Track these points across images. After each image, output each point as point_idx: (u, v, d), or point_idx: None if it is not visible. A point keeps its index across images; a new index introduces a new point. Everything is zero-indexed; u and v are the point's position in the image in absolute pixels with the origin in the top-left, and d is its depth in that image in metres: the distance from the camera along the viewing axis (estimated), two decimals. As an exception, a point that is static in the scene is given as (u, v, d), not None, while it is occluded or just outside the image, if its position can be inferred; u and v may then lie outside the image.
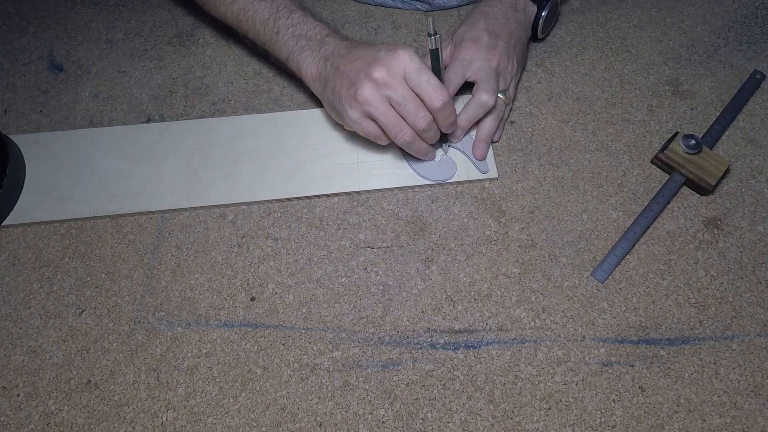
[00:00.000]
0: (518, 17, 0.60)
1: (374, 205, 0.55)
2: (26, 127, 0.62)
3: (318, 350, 0.48)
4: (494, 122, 0.56)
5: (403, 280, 0.51)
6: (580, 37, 0.66)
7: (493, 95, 0.54)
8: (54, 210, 0.55)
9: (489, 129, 0.56)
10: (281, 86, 0.64)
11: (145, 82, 0.65)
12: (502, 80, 0.56)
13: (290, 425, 0.45)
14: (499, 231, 0.53)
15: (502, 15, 0.59)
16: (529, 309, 0.49)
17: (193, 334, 0.49)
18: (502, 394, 0.45)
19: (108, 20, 0.71)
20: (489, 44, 0.56)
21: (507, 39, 0.57)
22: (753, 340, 0.47)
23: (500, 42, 0.57)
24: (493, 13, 0.59)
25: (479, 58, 0.56)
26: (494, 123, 0.56)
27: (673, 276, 0.50)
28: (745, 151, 0.57)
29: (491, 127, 0.56)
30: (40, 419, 0.46)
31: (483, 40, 0.56)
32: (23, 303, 0.51)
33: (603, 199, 0.54)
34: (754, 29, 0.65)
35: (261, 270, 0.52)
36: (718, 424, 0.43)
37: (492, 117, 0.56)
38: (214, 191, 0.56)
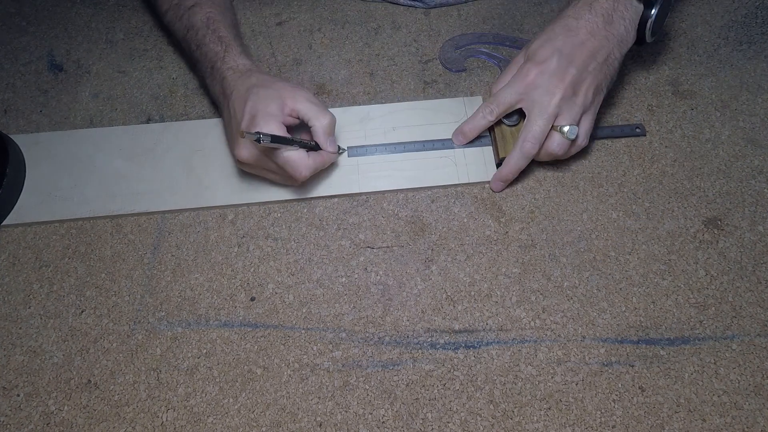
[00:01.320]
0: (611, 31, 0.51)
1: (374, 206, 0.55)
2: (26, 127, 0.62)
3: (318, 350, 0.48)
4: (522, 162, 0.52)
5: (403, 280, 0.51)
6: (580, 37, 0.66)
7: (537, 144, 0.50)
8: (54, 210, 0.55)
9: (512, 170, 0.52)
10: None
11: (145, 82, 0.65)
12: (567, 114, 0.50)
13: (290, 425, 0.45)
14: (499, 231, 0.53)
15: (587, 30, 0.51)
16: (529, 309, 0.49)
17: (193, 334, 0.49)
18: (502, 394, 0.45)
19: (108, 20, 0.71)
20: (556, 71, 0.50)
21: (584, 63, 0.50)
22: (753, 340, 0.47)
23: (572, 69, 0.50)
24: (575, 27, 0.51)
25: (540, 88, 0.50)
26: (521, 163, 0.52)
27: (673, 276, 0.50)
28: (745, 151, 0.57)
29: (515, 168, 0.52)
30: (40, 419, 0.46)
31: (551, 64, 0.50)
32: (23, 303, 0.51)
33: (603, 199, 0.54)
34: (754, 29, 0.65)
35: (261, 270, 0.52)
36: (718, 424, 0.43)
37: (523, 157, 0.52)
38: (214, 192, 0.56)
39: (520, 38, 0.66)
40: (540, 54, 0.51)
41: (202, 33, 0.56)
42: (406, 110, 0.60)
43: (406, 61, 0.65)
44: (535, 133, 0.50)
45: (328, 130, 0.51)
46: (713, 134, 0.58)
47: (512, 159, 0.52)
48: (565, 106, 0.50)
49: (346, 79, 0.64)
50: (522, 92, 0.51)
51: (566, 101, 0.50)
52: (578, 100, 0.50)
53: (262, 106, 0.48)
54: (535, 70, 0.50)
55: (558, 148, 0.51)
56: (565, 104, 0.50)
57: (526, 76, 0.51)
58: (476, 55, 0.65)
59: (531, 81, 0.50)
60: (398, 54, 0.66)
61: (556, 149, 0.51)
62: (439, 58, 0.65)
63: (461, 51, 0.66)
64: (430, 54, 0.66)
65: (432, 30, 0.68)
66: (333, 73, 0.65)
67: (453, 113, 0.60)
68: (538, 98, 0.50)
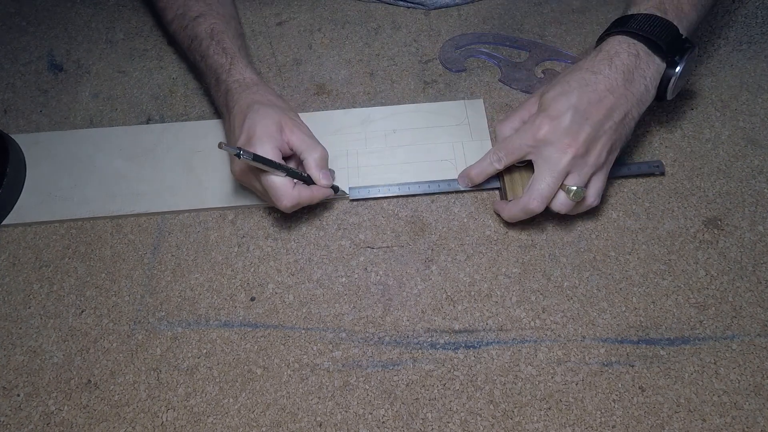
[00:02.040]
0: (631, 89, 0.48)
1: (374, 205, 0.55)
2: (26, 127, 0.62)
3: (318, 350, 0.48)
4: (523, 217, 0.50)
5: (403, 280, 0.51)
6: (580, 37, 0.66)
7: (544, 203, 0.48)
8: (54, 210, 0.55)
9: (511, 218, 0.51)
10: (281, 86, 0.64)
11: (145, 82, 0.65)
12: (577, 174, 0.48)
13: (290, 425, 0.45)
14: (499, 231, 0.53)
15: (606, 86, 0.48)
16: (529, 309, 0.49)
17: (193, 334, 0.49)
18: (502, 394, 0.45)
19: (108, 20, 0.71)
20: (570, 128, 0.47)
21: (600, 122, 0.47)
22: (753, 340, 0.47)
23: (586, 127, 0.47)
24: (593, 82, 0.48)
25: (552, 145, 0.47)
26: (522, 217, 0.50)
27: (673, 276, 0.50)
28: (745, 151, 0.57)
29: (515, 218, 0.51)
30: (40, 419, 0.46)
31: (564, 121, 0.47)
32: (23, 303, 0.51)
33: (603, 199, 0.54)
34: (754, 29, 0.65)
35: (261, 270, 0.52)
36: (718, 424, 0.43)
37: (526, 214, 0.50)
38: (214, 193, 0.56)
39: (520, 38, 0.66)
40: (554, 108, 0.48)
41: (206, 44, 0.55)
42: (407, 112, 0.60)
43: (406, 61, 0.65)
44: (542, 192, 0.48)
45: (321, 163, 0.50)
46: (713, 134, 0.58)
47: (515, 209, 0.50)
48: (576, 165, 0.47)
49: (346, 79, 0.64)
50: (532, 145, 0.48)
51: (577, 160, 0.47)
52: (590, 159, 0.48)
53: (261, 127, 0.48)
54: (547, 124, 0.47)
55: (562, 208, 0.49)
56: (576, 163, 0.47)
57: (539, 129, 0.47)
58: (476, 55, 0.65)
59: (543, 136, 0.47)
60: (398, 54, 0.66)
61: (560, 208, 0.49)
62: (439, 58, 0.65)
63: (461, 51, 0.66)
64: (430, 54, 0.66)
65: (432, 30, 0.68)
66: (333, 73, 0.65)
67: (454, 116, 0.60)
68: (549, 155, 0.47)
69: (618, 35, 0.50)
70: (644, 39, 0.49)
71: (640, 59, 0.49)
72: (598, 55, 0.50)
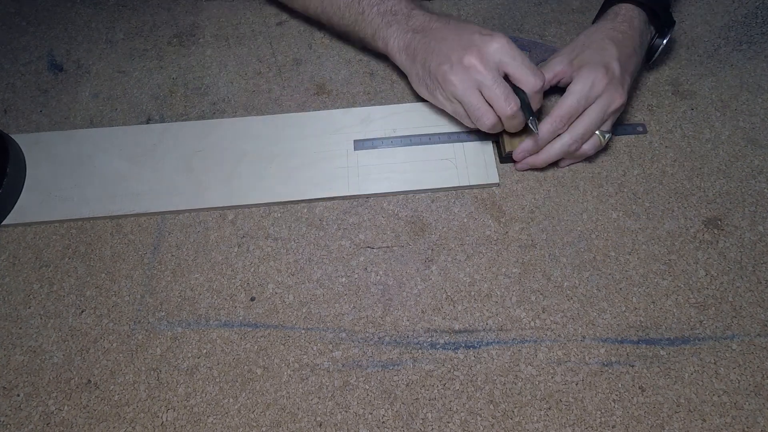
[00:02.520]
0: (643, 48, 0.56)
1: (374, 206, 0.55)
2: (26, 127, 0.62)
3: (318, 350, 0.48)
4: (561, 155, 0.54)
5: (403, 280, 0.51)
6: (580, 37, 0.66)
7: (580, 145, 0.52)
8: (54, 210, 0.55)
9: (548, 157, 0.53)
10: (281, 86, 0.64)
11: (145, 82, 0.65)
12: (610, 122, 0.53)
13: (290, 425, 0.45)
14: (499, 231, 0.53)
15: (632, 44, 0.54)
16: (529, 309, 0.49)
17: (193, 334, 0.49)
18: (502, 394, 0.45)
19: (108, 20, 0.71)
20: (620, 80, 0.52)
21: (632, 74, 0.54)
22: (753, 340, 0.47)
23: (627, 78, 0.52)
24: (622, 39, 0.53)
25: (606, 94, 0.51)
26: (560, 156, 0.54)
27: (673, 276, 0.50)
28: (745, 151, 0.57)
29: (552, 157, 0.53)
30: (40, 419, 0.46)
31: (616, 72, 0.51)
32: (23, 303, 0.51)
33: (603, 199, 0.54)
34: (754, 29, 0.65)
35: (261, 270, 0.52)
36: (718, 424, 0.43)
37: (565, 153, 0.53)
38: (214, 193, 0.56)
39: (520, 38, 0.66)
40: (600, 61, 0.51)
41: None
42: (406, 112, 0.60)
43: (406, 61, 0.65)
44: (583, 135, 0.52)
45: None
46: (713, 134, 0.58)
47: (553, 151, 0.53)
48: (617, 112, 0.52)
49: (346, 79, 0.64)
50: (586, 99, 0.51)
51: (621, 108, 0.52)
52: (621, 109, 0.53)
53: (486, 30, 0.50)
54: (603, 75, 0.50)
55: (590, 150, 0.54)
56: (619, 110, 0.52)
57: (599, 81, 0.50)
58: (476, 55, 0.65)
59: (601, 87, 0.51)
60: (398, 54, 0.66)
61: (587, 150, 0.53)
62: (439, 58, 0.65)
63: (461, 51, 0.66)
64: (430, 54, 0.66)
65: (432, 30, 0.68)
66: (333, 73, 0.65)
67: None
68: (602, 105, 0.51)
69: (628, 3, 0.56)
70: (648, 9, 0.55)
71: (646, 26, 0.56)
72: (617, 18, 0.55)
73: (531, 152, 0.54)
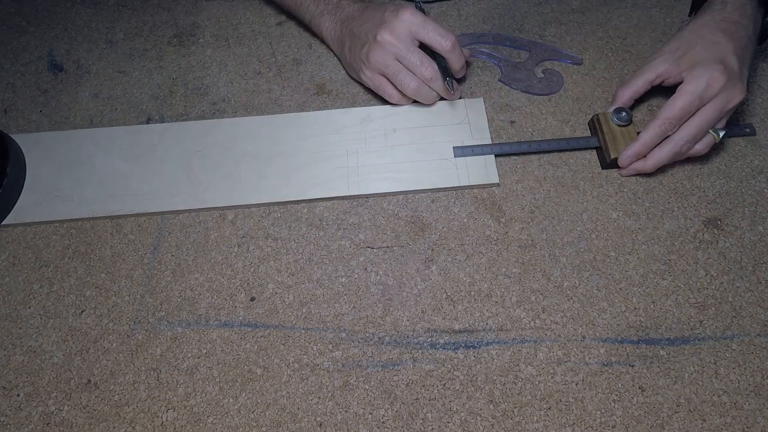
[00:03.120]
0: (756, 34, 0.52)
1: (374, 206, 0.55)
2: (26, 127, 0.62)
3: (318, 350, 0.48)
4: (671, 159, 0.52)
5: (403, 280, 0.51)
6: (580, 36, 0.66)
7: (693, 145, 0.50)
8: (54, 210, 0.55)
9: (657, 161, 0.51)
10: (281, 86, 0.64)
11: (145, 82, 0.65)
12: (725, 118, 0.51)
13: (290, 425, 0.45)
14: (499, 231, 0.53)
15: (746, 35, 0.50)
16: (529, 309, 0.49)
17: (193, 334, 0.49)
18: (502, 394, 0.45)
19: (108, 20, 0.71)
20: (739, 75, 0.49)
21: (748, 65, 0.50)
22: (753, 340, 0.47)
23: (745, 71, 0.50)
24: (735, 30, 0.50)
25: (724, 92, 0.48)
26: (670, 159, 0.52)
27: (673, 276, 0.50)
28: (745, 151, 0.57)
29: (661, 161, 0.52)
30: (40, 419, 0.46)
31: (735, 68, 0.48)
32: (23, 303, 0.51)
33: (603, 199, 0.54)
34: (754, 29, 0.65)
35: (261, 270, 0.52)
36: (718, 424, 0.43)
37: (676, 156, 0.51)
38: (213, 193, 0.56)
39: (520, 38, 0.66)
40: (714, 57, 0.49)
41: None
42: (406, 112, 0.60)
43: (406, 61, 0.65)
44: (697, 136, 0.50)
45: None
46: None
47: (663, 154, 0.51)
48: (730, 111, 0.50)
49: (346, 79, 0.64)
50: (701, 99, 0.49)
51: (733, 107, 0.50)
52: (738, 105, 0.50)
53: None
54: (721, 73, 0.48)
55: (703, 150, 0.52)
56: (731, 110, 0.50)
57: (716, 81, 0.48)
58: (476, 55, 0.65)
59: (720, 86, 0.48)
60: (398, 54, 0.66)
61: (700, 150, 0.52)
62: (439, 58, 0.65)
63: (461, 51, 0.66)
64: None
65: (432, 30, 0.68)
66: (333, 73, 0.65)
67: (454, 115, 0.59)
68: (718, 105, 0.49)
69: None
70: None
71: (758, 10, 0.52)
72: (727, 7, 0.52)
73: (638, 156, 0.52)
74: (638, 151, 0.52)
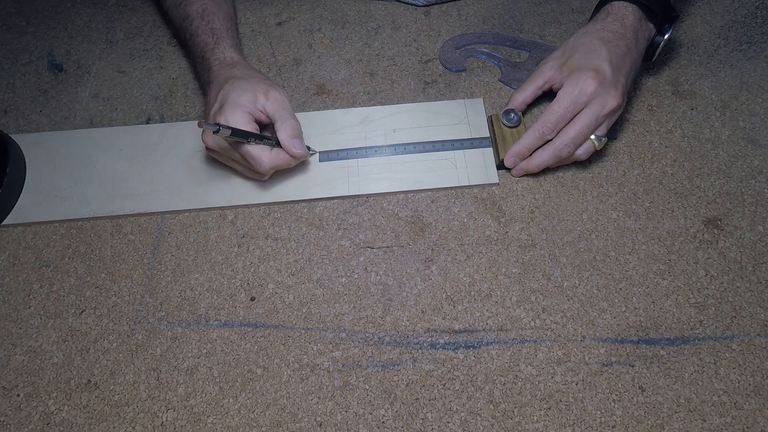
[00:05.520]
0: (639, 47, 0.54)
1: (374, 206, 0.55)
2: (26, 127, 0.62)
3: (318, 350, 0.48)
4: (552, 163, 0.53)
5: (403, 280, 0.51)
6: (580, 37, 0.66)
7: (574, 150, 0.52)
8: (54, 210, 0.55)
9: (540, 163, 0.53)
10: (281, 86, 0.64)
11: (145, 82, 0.65)
12: (606, 125, 0.52)
13: (290, 425, 0.45)
14: (499, 231, 0.53)
15: (625, 43, 0.52)
16: (529, 309, 0.49)
17: (193, 334, 0.49)
18: (502, 394, 0.45)
19: (108, 20, 0.71)
20: (612, 81, 0.50)
21: (627, 74, 0.52)
22: (753, 340, 0.47)
23: (621, 79, 0.51)
24: (614, 39, 0.52)
25: (598, 98, 0.50)
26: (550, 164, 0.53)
27: (673, 276, 0.50)
28: (745, 151, 0.57)
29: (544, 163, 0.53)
30: (40, 419, 0.46)
31: (607, 74, 0.50)
32: (23, 303, 0.51)
33: (603, 199, 0.54)
34: (754, 29, 0.65)
35: (261, 270, 0.52)
36: (718, 424, 0.43)
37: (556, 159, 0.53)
38: (214, 193, 0.56)
39: (519, 38, 0.66)
40: (590, 64, 0.51)
41: (196, 24, 0.58)
42: (406, 112, 0.60)
43: (406, 61, 0.65)
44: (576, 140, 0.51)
45: (293, 133, 0.51)
46: (713, 134, 0.58)
47: (545, 156, 0.52)
48: (613, 115, 0.51)
49: (346, 79, 0.64)
50: (579, 104, 0.50)
51: (616, 111, 0.51)
52: (619, 111, 0.52)
53: (234, 96, 0.50)
54: (594, 79, 0.50)
55: (584, 155, 0.53)
56: (614, 113, 0.51)
57: (588, 87, 0.50)
58: (476, 55, 0.65)
59: (593, 91, 0.50)
60: (398, 54, 0.66)
61: (581, 155, 0.53)
62: (439, 58, 0.65)
63: (461, 51, 0.66)
64: (430, 54, 0.66)
65: (432, 30, 0.68)
66: (333, 73, 0.65)
67: (454, 115, 0.60)
68: (594, 109, 0.50)
69: (621, 1, 0.54)
70: (643, 6, 0.54)
71: (641, 23, 0.54)
72: (608, 17, 0.54)
73: (520, 156, 0.54)
74: (519, 151, 0.53)
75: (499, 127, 0.57)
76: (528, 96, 0.56)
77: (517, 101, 0.56)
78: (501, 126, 0.57)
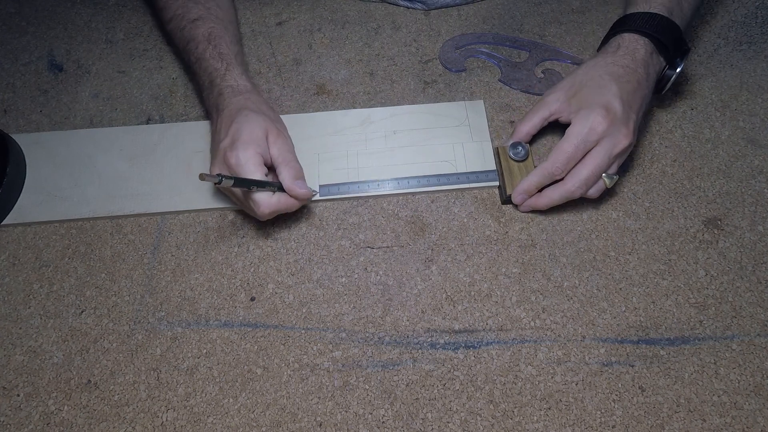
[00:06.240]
0: (650, 81, 0.52)
1: (374, 206, 0.55)
2: (26, 127, 0.62)
3: (318, 350, 0.48)
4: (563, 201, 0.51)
5: (403, 280, 0.51)
6: (580, 37, 0.66)
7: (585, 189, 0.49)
8: (54, 210, 0.55)
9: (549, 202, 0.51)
10: (281, 86, 0.64)
11: (145, 82, 0.65)
12: (617, 164, 0.50)
13: (290, 425, 0.45)
14: (499, 231, 0.53)
15: (636, 78, 0.50)
16: (529, 309, 0.49)
17: (193, 334, 0.49)
18: (502, 394, 0.45)
19: (108, 20, 0.71)
20: (623, 119, 0.48)
21: (638, 111, 0.50)
22: (753, 340, 0.47)
23: (632, 116, 0.49)
24: (625, 74, 0.50)
25: (609, 137, 0.48)
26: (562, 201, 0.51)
27: (673, 276, 0.50)
28: (745, 151, 0.57)
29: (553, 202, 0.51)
30: (40, 419, 0.46)
31: (618, 112, 0.48)
32: (23, 303, 0.51)
33: (603, 199, 0.54)
34: (754, 29, 0.65)
35: (261, 270, 0.52)
36: (718, 424, 0.43)
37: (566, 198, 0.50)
38: (214, 193, 0.56)
39: (520, 38, 0.66)
40: (600, 99, 0.49)
41: (202, 47, 0.55)
42: (407, 113, 0.60)
43: (406, 61, 0.65)
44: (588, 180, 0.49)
45: (297, 175, 0.50)
46: (713, 134, 0.58)
47: (555, 195, 0.50)
48: (625, 153, 0.50)
49: (346, 79, 0.64)
50: (589, 142, 0.48)
51: (628, 149, 0.49)
52: (629, 148, 0.50)
53: (247, 131, 0.48)
54: (604, 117, 0.48)
55: (595, 194, 0.51)
56: (626, 151, 0.49)
57: (598, 125, 0.48)
58: (476, 55, 0.65)
59: (603, 130, 0.48)
60: (398, 54, 0.66)
61: (593, 194, 0.51)
62: (439, 58, 0.65)
63: (461, 51, 0.66)
64: (430, 54, 0.66)
65: (432, 30, 0.68)
66: (333, 73, 0.65)
67: (454, 117, 0.60)
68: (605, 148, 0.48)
69: (632, 33, 0.52)
70: (654, 39, 0.52)
71: (652, 57, 0.52)
72: (619, 51, 0.52)
73: (528, 194, 0.52)
74: (527, 189, 0.51)
75: (506, 160, 0.55)
76: (533, 128, 0.54)
77: (521, 133, 0.54)
78: (508, 159, 0.55)
